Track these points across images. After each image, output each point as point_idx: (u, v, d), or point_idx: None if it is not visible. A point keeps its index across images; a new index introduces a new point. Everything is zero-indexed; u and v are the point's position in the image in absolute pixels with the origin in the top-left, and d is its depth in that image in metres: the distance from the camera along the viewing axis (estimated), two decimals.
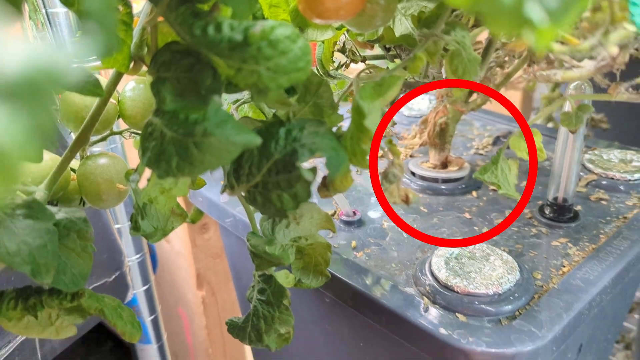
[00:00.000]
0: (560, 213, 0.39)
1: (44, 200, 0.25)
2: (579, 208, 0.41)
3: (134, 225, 0.25)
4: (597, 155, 0.47)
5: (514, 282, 0.32)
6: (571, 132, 0.32)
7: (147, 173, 0.24)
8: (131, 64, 0.23)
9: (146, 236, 0.26)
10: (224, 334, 0.69)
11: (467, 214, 0.41)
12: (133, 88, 0.28)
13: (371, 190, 0.45)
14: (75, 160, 0.28)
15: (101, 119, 0.26)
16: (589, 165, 0.46)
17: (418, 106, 0.59)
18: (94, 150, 0.30)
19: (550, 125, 0.73)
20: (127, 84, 0.29)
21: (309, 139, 0.22)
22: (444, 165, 0.45)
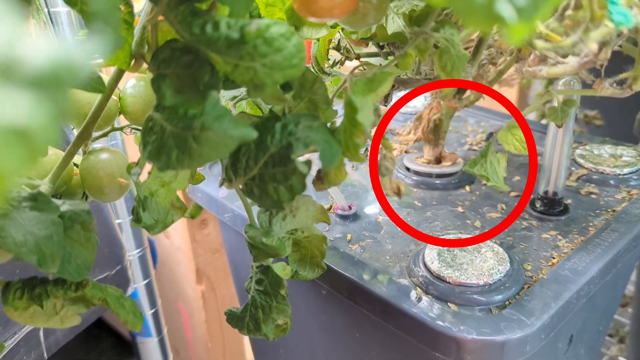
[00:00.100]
0: (551, 206, 0.40)
1: (49, 194, 0.26)
2: (569, 202, 0.42)
3: (136, 218, 0.26)
4: (588, 150, 0.48)
5: (504, 273, 0.33)
6: (558, 127, 0.33)
7: (148, 167, 0.25)
8: (132, 62, 0.24)
9: (147, 228, 0.27)
10: (223, 328, 0.70)
11: (460, 208, 0.42)
12: (134, 85, 0.29)
13: (367, 185, 0.46)
14: (77, 155, 0.29)
15: (103, 115, 0.26)
16: (580, 160, 0.47)
17: (413, 103, 0.60)
18: (95, 147, 0.30)
19: (544, 121, 0.74)
20: (128, 81, 0.30)
21: (304, 133, 0.23)
22: (438, 160, 0.46)
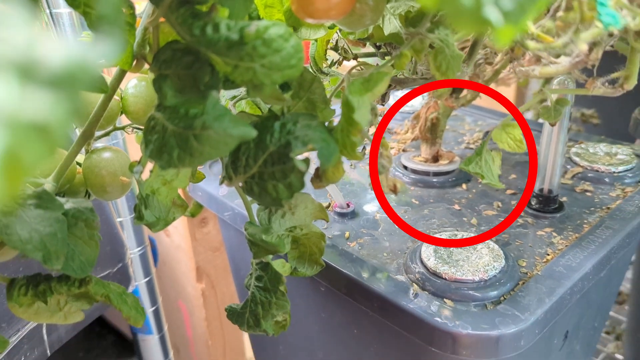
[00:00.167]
0: (546, 204, 0.40)
1: (53, 192, 0.26)
2: (564, 199, 0.42)
3: (138, 215, 0.27)
4: (584, 148, 0.49)
5: (499, 269, 0.33)
6: (551, 125, 0.33)
7: (150, 166, 0.26)
8: (134, 62, 0.25)
9: (149, 225, 0.28)
10: (223, 326, 0.70)
11: (457, 206, 0.42)
12: (135, 85, 0.30)
13: (365, 184, 0.47)
14: (80, 154, 0.29)
15: (105, 114, 0.27)
16: (576, 158, 0.47)
17: (411, 102, 0.61)
18: (97, 146, 0.31)
19: (542, 120, 0.75)
20: (130, 81, 0.30)
21: (302, 132, 0.24)
22: (435, 159, 0.47)
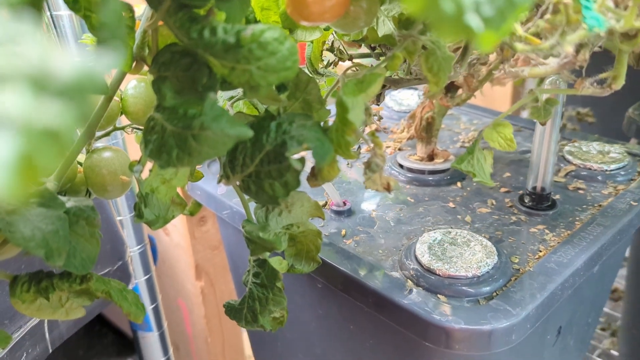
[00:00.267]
0: (539, 202, 0.41)
1: (54, 191, 0.27)
2: (557, 197, 0.43)
3: (138, 213, 0.27)
4: (577, 147, 0.49)
5: (492, 266, 0.34)
6: (541, 124, 0.34)
7: (149, 165, 0.26)
8: (134, 64, 0.25)
9: (148, 223, 0.28)
10: (222, 323, 0.71)
11: (452, 204, 0.43)
12: (135, 86, 0.30)
13: (361, 182, 0.48)
14: (81, 154, 0.30)
15: (106, 115, 0.28)
16: (569, 156, 0.48)
17: (407, 101, 0.61)
18: (98, 145, 0.32)
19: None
20: (129, 83, 0.31)
21: (297, 132, 0.24)
22: (431, 157, 0.48)
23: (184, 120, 0.22)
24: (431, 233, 0.37)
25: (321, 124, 0.26)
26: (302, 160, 0.24)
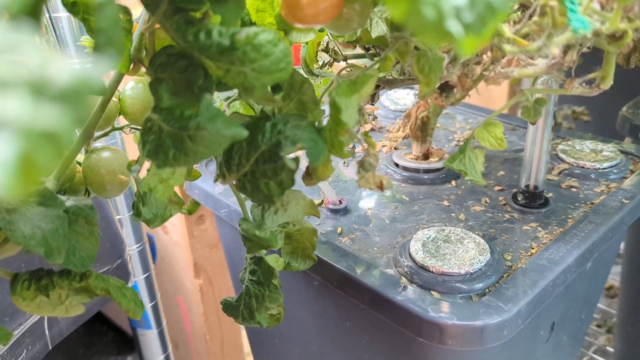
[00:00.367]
0: (532, 200, 0.42)
1: (54, 190, 0.28)
2: (550, 195, 0.44)
3: (136, 212, 0.28)
4: (570, 145, 0.50)
5: (484, 263, 0.34)
6: (531, 124, 0.35)
7: (147, 165, 0.27)
8: (131, 66, 0.26)
9: (147, 222, 0.29)
10: (221, 320, 0.72)
11: (446, 202, 0.44)
12: (132, 87, 0.31)
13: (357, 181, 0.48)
14: (80, 153, 0.31)
15: (104, 115, 0.28)
16: (562, 155, 0.49)
17: (403, 101, 0.62)
18: (96, 145, 0.32)
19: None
20: (127, 84, 0.32)
21: (292, 132, 0.25)
22: (426, 156, 0.48)
23: (180, 121, 0.22)
24: (425, 231, 0.38)
25: (315, 124, 0.26)
26: (297, 160, 0.25)
